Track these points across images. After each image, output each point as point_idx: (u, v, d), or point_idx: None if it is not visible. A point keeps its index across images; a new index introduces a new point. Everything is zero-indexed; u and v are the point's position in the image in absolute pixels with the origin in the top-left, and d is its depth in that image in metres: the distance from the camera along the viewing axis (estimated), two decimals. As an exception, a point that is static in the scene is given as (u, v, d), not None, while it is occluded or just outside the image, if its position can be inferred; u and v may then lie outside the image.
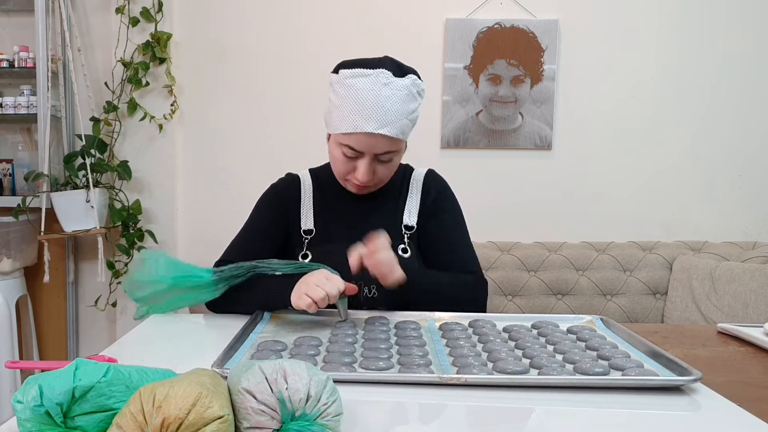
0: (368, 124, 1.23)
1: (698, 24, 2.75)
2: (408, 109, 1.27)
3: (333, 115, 1.30)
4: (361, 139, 1.25)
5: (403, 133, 1.28)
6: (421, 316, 1.23)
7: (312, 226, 1.39)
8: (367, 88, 1.24)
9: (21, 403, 0.62)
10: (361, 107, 1.23)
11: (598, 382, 0.87)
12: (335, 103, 1.28)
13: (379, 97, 1.23)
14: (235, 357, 0.95)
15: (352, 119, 1.24)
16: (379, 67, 1.25)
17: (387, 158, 1.30)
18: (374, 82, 1.24)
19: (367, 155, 1.28)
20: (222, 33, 2.80)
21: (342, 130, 1.26)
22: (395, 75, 1.25)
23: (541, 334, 1.12)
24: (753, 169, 2.79)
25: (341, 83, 1.27)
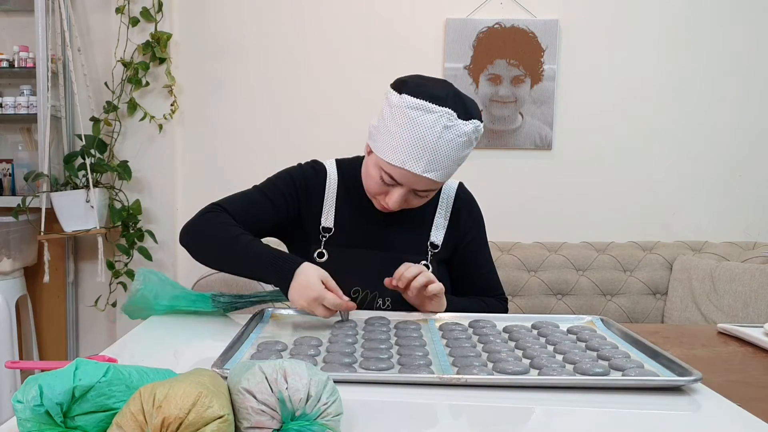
0: (417, 166, 1.17)
1: (698, 24, 2.75)
2: (462, 155, 1.21)
3: (382, 136, 1.21)
4: (405, 175, 1.20)
5: (448, 176, 1.23)
6: (421, 317, 1.23)
7: (332, 224, 1.34)
8: (427, 127, 1.15)
9: (21, 403, 0.62)
10: (416, 146, 1.16)
11: (599, 382, 0.87)
12: (389, 128, 1.19)
13: (438, 141, 1.16)
14: (235, 357, 0.95)
15: (401, 153, 1.17)
16: (445, 106, 1.17)
17: (424, 194, 1.26)
18: (436, 122, 1.15)
19: (404, 188, 1.22)
20: (222, 33, 2.80)
21: (388, 160, 1.20)
22: (459, 117, 1.18)
23: (541, 335, 1.12)
24: (753, 169, 2.79)
25: (401, 110, 1.18)
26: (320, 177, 1.38)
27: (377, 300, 1.31)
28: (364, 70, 2.76)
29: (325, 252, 1.32)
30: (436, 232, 1.37)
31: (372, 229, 1.34)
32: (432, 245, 1.36)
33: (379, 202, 1.29)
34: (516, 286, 2.59)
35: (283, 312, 1.25)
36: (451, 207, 1.39)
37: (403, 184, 1.22)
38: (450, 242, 1.38)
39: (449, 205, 1.39)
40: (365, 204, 1.34)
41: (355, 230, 1.34)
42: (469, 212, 1.41)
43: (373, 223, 1.34)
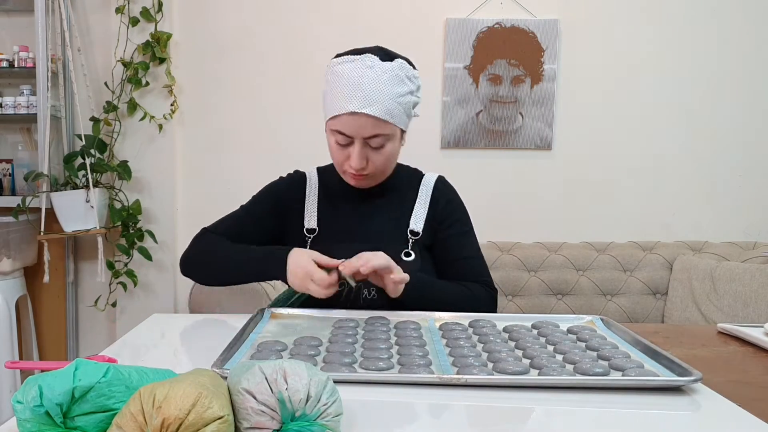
0: (351, 104, 1.24)
1: (698, 24, 2.75)
2: (394, 91, 1.26)
3: (324, 102, 1.32)
4: (346, 121, 1.25)
5: (390, 114, 1.26)
6: (421, 316, 1.23)
7: (315, 225, 1.39)
8: (350, 71, 1.25)
9: (21, 403, 0.62)
10: (345, 89, 1.24)
11: (599, 382, 0.87)
12: (325, 91, 1.31)
13: (362, 78, 1.24)
14: (234, 357, 0.95)
15: (337, 102, 1.26)
16: (365, 53, 1.27)
17: (377, 143, 1.28)
18: (359, 66, 1.25)
19: (357, 140, 1.27)
20: (222, 33, 2.80)
21: (330, 114, 1.28)
22: (381, 60, 1.26)
23: (541, 335, 1.11)
24: (753, 169, 2.79)
25: (330, 70, 1.30)
26: (300, 183, 1.45)
27: (362, 290, 1.34)
28: (364, 70, 2.75)
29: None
30: (416, 219, 1.40)
31: (353, 222, 1.38)
32: (412, 232, 1.38)
33: (348, 173, 1.33)
34: (516, 286, 2.59)
35: (283, 312, 1.25)
36: (430, 195, 1.43)
37: (354, 136, 1.27)
38: (430, 229, 1.40)
39: (428, 194, 1.43)
40: (345, 200, 1.40)
41: (338, 226, 1.39)
42: (447, 200, 1.44)
43: (354, 217, 1.39)
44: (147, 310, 2.53)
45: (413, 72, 1.31)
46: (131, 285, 2.71)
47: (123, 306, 2.78)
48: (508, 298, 2.60)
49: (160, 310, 2.73)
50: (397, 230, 1.38)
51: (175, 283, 2.82)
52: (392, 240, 1.36)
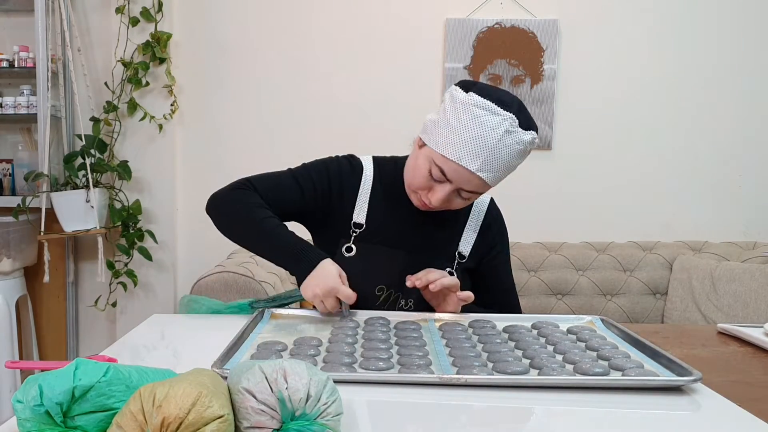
0: (473, 163, 1.17)
1: (698, 24, 2.75)
2: (515, 164, 1.23)
3: (441, 131, 1.21)
4: (457, 171, 1.19)
5: (498, 181, 1.24)
6: (421, 317, 1.23)
7: (363, 220, 1.33)
8: (491, 128, 1.17)
9: (21, 402, 0.62)
10: (475, 144, 1.17)
11: (598, 382, 0.87)
12: (450, 123, 1.20)
13: (498, 144, 1.17)
14: (235, 357, 0.95)
15: (460, 149, 1.18)
16: (510, 112, 1.18)
17: (468, 196, 1.25)
18: (500, 125, 1.17)
19: (452, 185, 1.22)
20: (222, 33, 2.80)
21: (445, 154, 1.19)
22: (521, 125, 1.19)
23: (541, 335, 1.12)
24: (753, 169, 2.79)
25: (467, 107, 1.18)
26: (356, 172, 1.37)
27: (400, 300, 1.32)
28: (363, 69, 2.76)
29: (353, 247, 1.31)
30: (465, 242, 1.37)
31: (403, 229, 1.34)
32: (459, 254, 1.36)
33: (420, 197, 1.28)
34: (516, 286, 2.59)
35: (283, 312, 1.25)
36: (482, 220, 1.40)
37: (453, 181, 1.21)
38: (476, 254, 1.38)
39: (480, 217, 1.40)
40: (399, 204, 1.34)
41: (386, 229, 1.34)
42: (498, 227, 1.43)
43: (405, 224, 1.34)
44: (147, 310, 2.54)
45: (536, 144, 1.26)
46: (131, 285, 2.71)
47: (123, 306, 2.78)
48: (508, 298, 2.60)
49: (160, 310, 2.73)
50: (445, 249, 1.36)
51: (175, 283, 2.82)
52: (439, 257, 1.33)
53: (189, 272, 2.78)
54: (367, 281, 1.27)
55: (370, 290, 1.29)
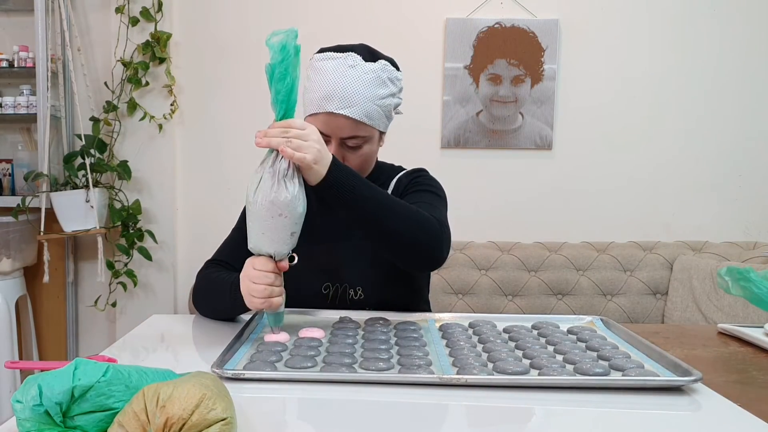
0: (331, 104, 1.22)
1: (698, 24, 2.75)
2: (375, 93, 1.24)
3: (305, 98, 1.29)
4: (325, 120, 1.24)
5: (368, 116, 1.24)
6: (421, 317, 1.23)
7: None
8: (332, 69, 1.24)
9: (20, 402, 0.62)
10: (326, 88, 1.23)
11: (599, 382, 0.87)
12: (306, 87, 1.28)
13: (344, 78, 1.22)
14: (234, 358, 0.95)
15: (317, 100, 1.24)
16: (349, 51, 1.26)
17: (354, 144, 1.26)
18: (341, 64, 1.24)
19: (333, 140, 1.25)
20: (222, 33, 2.80)
21: (309, 112, 1.27)
22: (365, 59, 1.25)
23: (541, 335, 1.11)
24: (753, 169, 2.79)
25: (312, 66, 1.29)
26: None
27: (348, 291, 1.33)
28: (364, 70, 2.75)
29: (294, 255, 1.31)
30: None
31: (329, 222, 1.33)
32: None
33: None
34: (516, 286, 2.59)
35: None
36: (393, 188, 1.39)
37: (331, 135, 1.25)
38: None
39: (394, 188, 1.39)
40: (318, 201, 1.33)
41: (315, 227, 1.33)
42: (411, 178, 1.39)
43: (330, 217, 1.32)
44: (147, 310, 2.54)
45: (396, 74, 1.29)
46: (131, 285, 2.71)
47: (123, 306, 2.78)
48: (508, 298, 2.60)
49: (160, 311, 2.73)
50: None
51: (175, 283, 2.82)
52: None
53: (189, 272, 2.78)
54: (313, 283, 1.31)
55: (318, 290, 1.32)
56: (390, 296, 1.32)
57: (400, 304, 1.33)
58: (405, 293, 1.36)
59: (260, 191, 1.04)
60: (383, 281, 1.32)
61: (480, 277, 2.60)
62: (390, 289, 1.33)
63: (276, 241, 1.07)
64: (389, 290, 1.32)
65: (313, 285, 1.32)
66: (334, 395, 0.83)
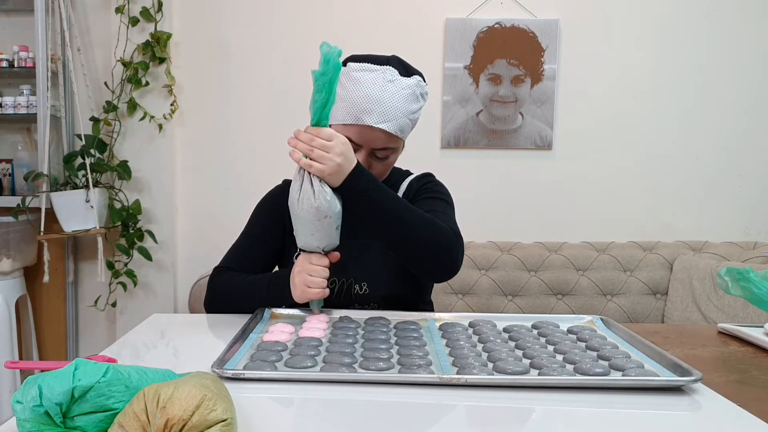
0: (369, 118, 1.25)
1: (698, 24, 2.75)
2: (409, 108, 1.29)
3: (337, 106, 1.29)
4: (361, 132, 1.27)
5: (401, 131, 1.29)
6: (421, 317, 1.23)
7: None
8: (371, 83, 1.26)
9: (20, 403, 0.62)
10: (365, 100, 1.25)
11: (599, 382, 0.87)
12: (340, 95, 1.28)
13: (383, 93, 1.25)
14: (235, 357, 0.95)
15: (354, 111, 1.26)
16: (386, 65, 1.28)
17: (383, 155, 1.31)
18: (380, 77, 1.26)
19: (365, 149, 1.29)
20: (222, 33, 2.80)
21: (342, 122, 1.28)
22: (401, 74, 1.28)
23: (541, 335, 1.11)
24: (753, 169, 2.79)
25: (348, 76, 1.29)
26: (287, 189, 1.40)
27: (354, 287, 1.35)
28: (364, 70, 2.75)
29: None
30: None
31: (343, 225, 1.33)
32: None
33: None
34: (516, 286, 2.59)
35: (283, 312, 1.25)
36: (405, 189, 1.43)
37: (362, 144, 1.28)
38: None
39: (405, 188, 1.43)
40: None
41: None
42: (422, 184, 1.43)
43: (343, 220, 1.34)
44: (147, 310, 2.54)
45: (426, 89, 1.34)
46: (131, 285, 2.71)
47: (123, 306, 2.78)
48: (507, 298, 2.60)
49: (160, 310, 2.73)
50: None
51: (175, 283, 2.82)
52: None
53: (189, 272, 2.78)
54: None
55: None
56: (394, 293, 1.34)
57: (403, 301, 1.35)
58: (409, 291, 1.38)
59: (304, 199, 1.15)
60: (388, 278, 1.34)
61: (480, 277, 2.60)
62: (394, 286, 1.35)
63: (325, 238, 1.19)
64: (394, 287, 1.34)
65: None
66: (334, 395, 0.83)
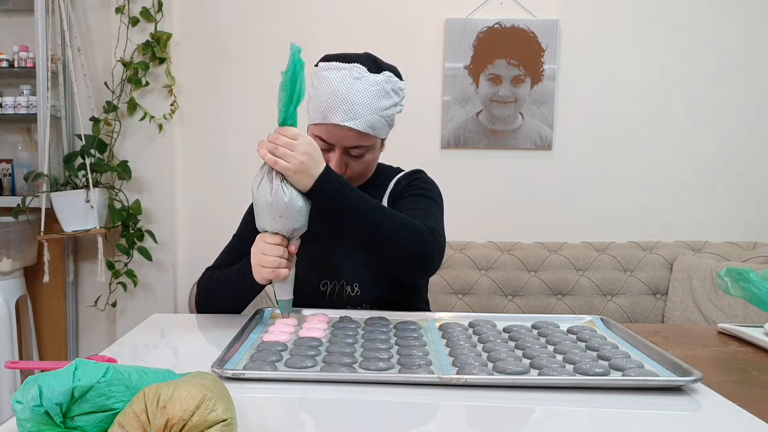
0: (336, 116, 1.25)
1: (698, 24, 2.75)
2: (379, 105, 1.26)
3: (309, 106, 1.32)
4: (329, 131, 1.27)
5: (372, 128, 1.26)
6: (421, 317, 1.23)
7: None
8: (338, 81, 1.25)
9: (20, 403, 0.62)
10: (331, 99, 1.25)
11: (599, 382, 0.87)
12: (311, 95, 1.31)
13: (349, 90, 1.24)
14: (235, 357, 0.95)
15: (322, 110, 1.26)
16: (354, 62, 1.27)
17: (357, 153, 1.30)
18: (347, 75, 1.25)
19: (337, 148, 1.28)
20: (222, 33, 2.80)
21: (313, 121, 1.29)
22: (370, 71, 1.27)
23: (541, 335, 1.12)
24: (753, 169, 2.79)
25: (317, 75, 1.31)
26: None
27: (345, 288, 1.35)
28: (364, 70, 2.75)
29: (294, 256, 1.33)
30: None
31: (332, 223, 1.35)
32: None
33: None
34: (516, 286, 2.59)
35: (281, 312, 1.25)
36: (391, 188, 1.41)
37: (335, 144, 1.28)
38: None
39: (393, 190, 1.41)
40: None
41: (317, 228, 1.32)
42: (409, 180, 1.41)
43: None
44: (147, 310, 2.54)
45: (399, 84, 1.31)
46: (131, 285, 2.71)
47: (123, 306, 2.78)
48: (507, 298, 2.60)
49: (160, 310, 2.73)
50: None
51: (175, 283, 2.82)
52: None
53: (189, 272, 2.78)
54: (311, 280, 1.33)
55: (316, 287, 1.34)
56: (385, 293, 1.34)
57: (396, 301, 1.34)
58: (400, 290, 1.37)
59: (261, 193, 1.13)
60: (378, 278, 1.33)
61: (480, 277, 2.60)
62: (385, 286, 1.34)
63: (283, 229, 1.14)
64: (384, 287, 1.34)
65: (313, 282, 1.35)
66: (334, 395, 0.83)
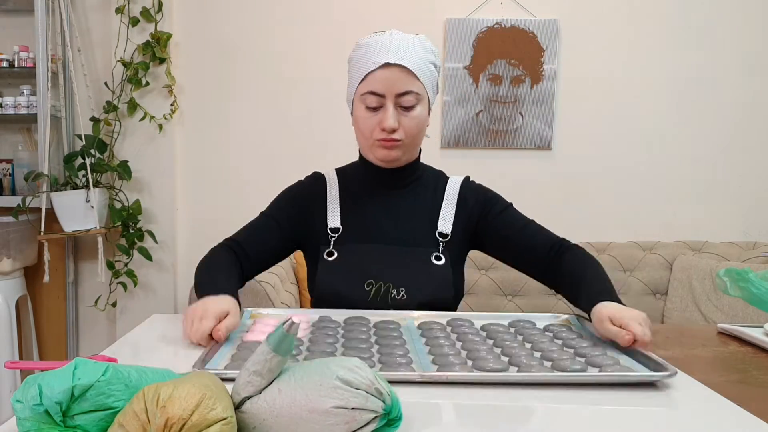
0: (386, 56, 1.23)
1: (698, 24, 2.75)
2: (425, 55, 1.27)
3: (351, 76, 1.31)
4: (379, 77, 1.24)
5: (421, 72, 1.25)
6: (400, 316, 1.21)
7: (339, 224, 1.35)
8: (379, 38, 1.27)
9: (20, 402, 0.62)
10: (378, 46, 1.25)
11: (577, 378, 0.87)
12: (352, 59, 1.31)
13: (394, 39, 1.25)
14: (216, 357, 0.96)
15: (368, 61, 1.25)
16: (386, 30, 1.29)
17: (408, 102, 1.25)
18: (386, 35, 1.27)
19: (389, 99, 1.25)
20: (222, 33, 2.80)
21: (360, 76, 1.27)
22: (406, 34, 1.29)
23: (518, 333, 1.12)
24: (753, 169, 2.79)
25: (355, 50, 1.31)
26: (320, 183, 1.41)
27: (391, 291, 1.31)
28: (364, 70, 2.75)
29: (334, 251, 1.32)
30: (444, 221, 1.36)
31: (379, 222, 1.35)
32: (441, 234, 1.35)
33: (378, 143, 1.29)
34: (516, 286, 2.59)
35: (263, 312, 1.25)
36: (457, 196, 1.39)
37: (385, 94, 1.25)
38: (460, 228, 1.36)
39: (455, 194, 1.39)
40: (371, 200, 1.37)
41: (363, 226, 1.35)
42: (476, 197, 1.41)
43: (380, 217, 1.35)
44: (147, 310, 2.54)
45: (435, 48, 1.32)
46: (131, 285, 2.71)
47: (123, 306, 2.78)
48: (507, 298, 2.60)
49: (160, 310, 2.73)
50: (426, 232, 1.35)
51: (175, 283, 2.82)
52: (422, 242, 1.33)
53: (189, 272, 2.77)
54: (354, 279, 1.29)
55: (359, 287, 1.29)
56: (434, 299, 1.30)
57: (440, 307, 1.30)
58: (449, 297, 1.33)
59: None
60: (430, 285, 1.30)
61: (480, 277, 2.60)
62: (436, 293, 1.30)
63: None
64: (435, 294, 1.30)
65: (357, 281, 1.29)
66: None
